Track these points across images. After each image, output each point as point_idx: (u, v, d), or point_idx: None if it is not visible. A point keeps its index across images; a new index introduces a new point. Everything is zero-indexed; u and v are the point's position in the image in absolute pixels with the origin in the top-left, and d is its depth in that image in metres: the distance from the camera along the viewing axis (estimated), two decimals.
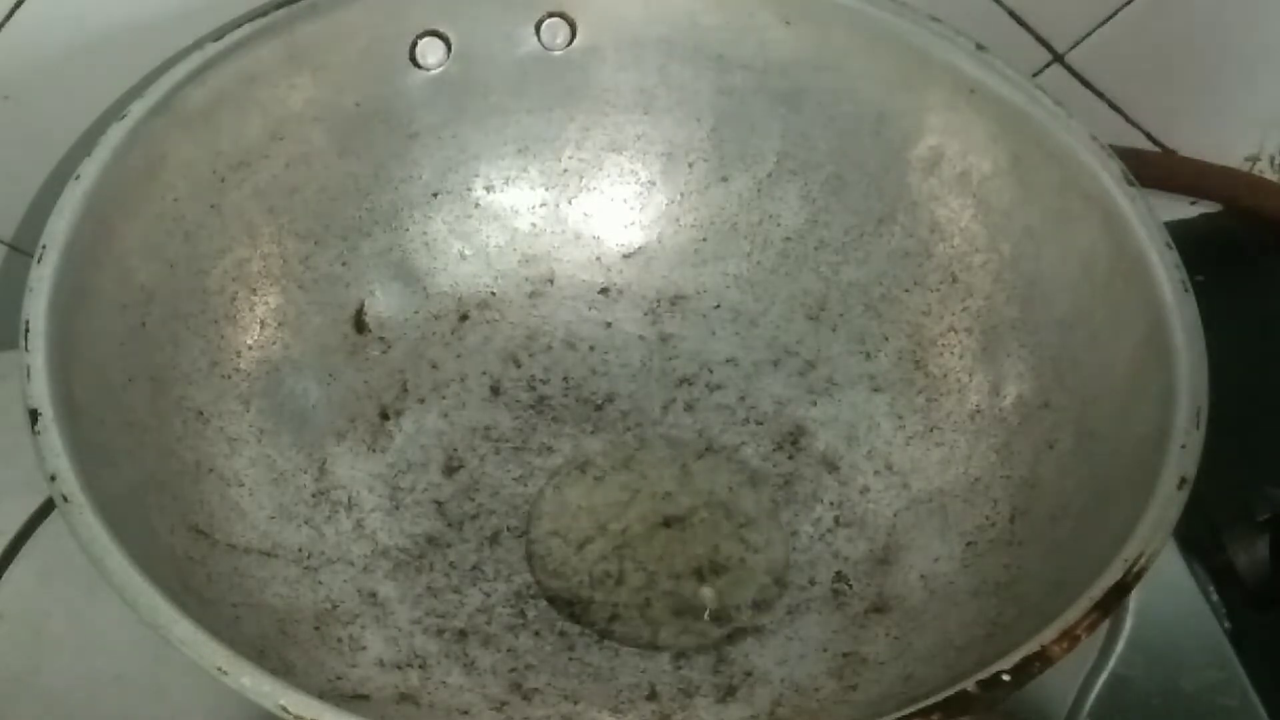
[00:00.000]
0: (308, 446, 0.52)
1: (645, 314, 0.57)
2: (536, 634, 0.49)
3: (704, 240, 0.57)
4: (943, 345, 0.54)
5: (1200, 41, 0.65)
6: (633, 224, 0.57)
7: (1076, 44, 0.64)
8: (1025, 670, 0.37)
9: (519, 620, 0.49)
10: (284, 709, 0.36)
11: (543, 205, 0.57)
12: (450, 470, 0.53)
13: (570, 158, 0.57)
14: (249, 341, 0.51)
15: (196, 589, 0.43)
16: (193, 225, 0.50)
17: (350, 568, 0.49)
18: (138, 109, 0.48)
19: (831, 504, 0.52)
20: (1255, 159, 0.71)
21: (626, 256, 0.57)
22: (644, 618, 0.49)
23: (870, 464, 0.53)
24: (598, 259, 0.57)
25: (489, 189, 0.57)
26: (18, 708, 0.49)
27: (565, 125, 0.56)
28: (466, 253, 0.57)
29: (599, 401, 0.55)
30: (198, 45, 0.50)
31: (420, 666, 0.47)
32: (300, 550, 0.49)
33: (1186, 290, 0.45)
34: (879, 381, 0.54)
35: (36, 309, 0.43)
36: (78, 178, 0.46)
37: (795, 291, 0.56)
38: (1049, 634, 0.38)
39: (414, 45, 0.53)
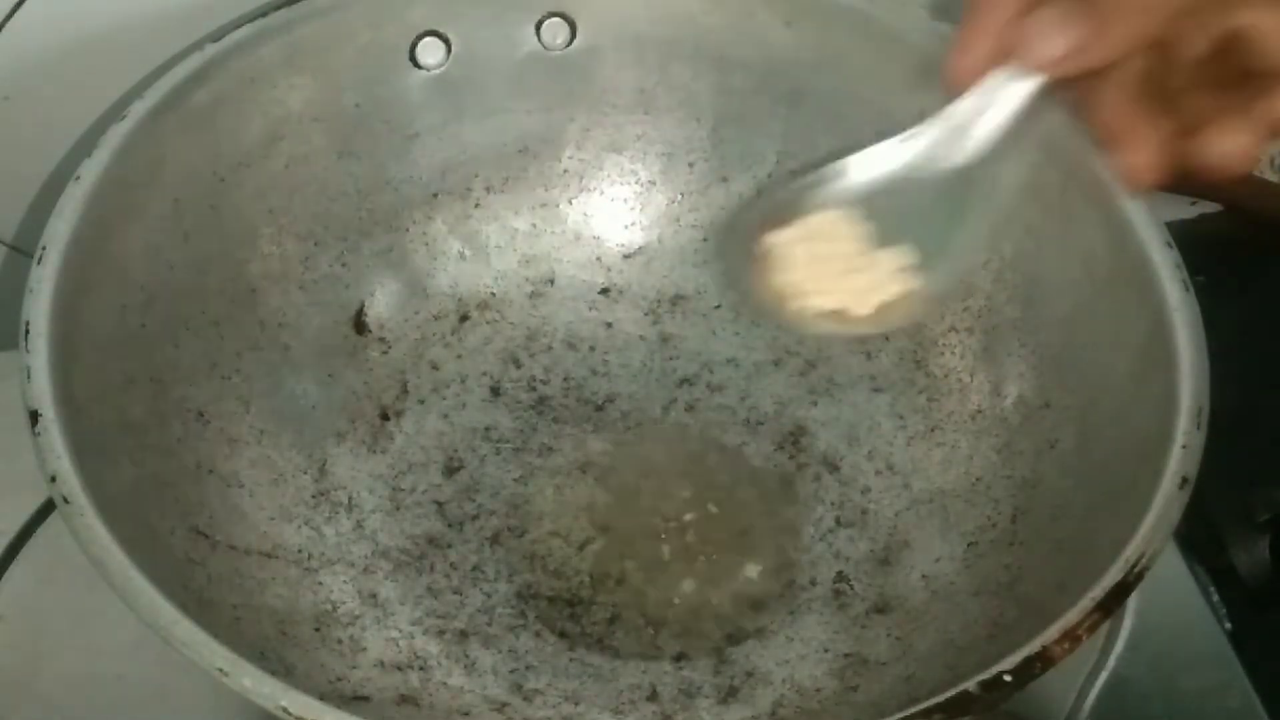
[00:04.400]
0: (308, 447, 0.52)
1: (646, 314, 0.57)
2: (537, 635, 0.49)
3: (704, 240, 0.57)
4: (944, 345, 0.54)
5: None
6: (633, 224, 0.57)
7: None
8: (1027, 671, 0.37)
9: (520, 621, 0.49)
10: (285, 710, 0.36)
11: (543, 205, 0.57)
12: (450, 471, 0.53)
13: (570, 158, 0.57)
14: (249, 342, 0.51)
15: (197, 590, 0.43)
16: (193, 226, 0.50)
17: (350, 569, 0.49)
18: (138, 110, 0.48)
19: (833, 504, 0.52)
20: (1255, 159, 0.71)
21: (627, 257, 0.57)
22: (645, 618, 0.49)
23: (871, 464, 0.53)
24: (598, 259, 0.57)
25: (489, 189, 0.57)
26: (18, 708, 0.49)
27: (565, 125, 0.56)
28: (466, 253, 0.57)
29: (599, 402, 0.55)
30: (198, 46, 0.50)
31: (421, 668, 0.47)
32: (300, 551, 0.49)
33: (1187, 290, 0.45)
34: (880, 381, 0.54)
35: (37, 310, 0.43)
36: (78, 178, 0.46)
37: None
38: (1050, 634, 0.38)
39: (414, 45, 0.53)
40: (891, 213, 0.40)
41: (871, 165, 0.40)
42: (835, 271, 0.40)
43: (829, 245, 0.40)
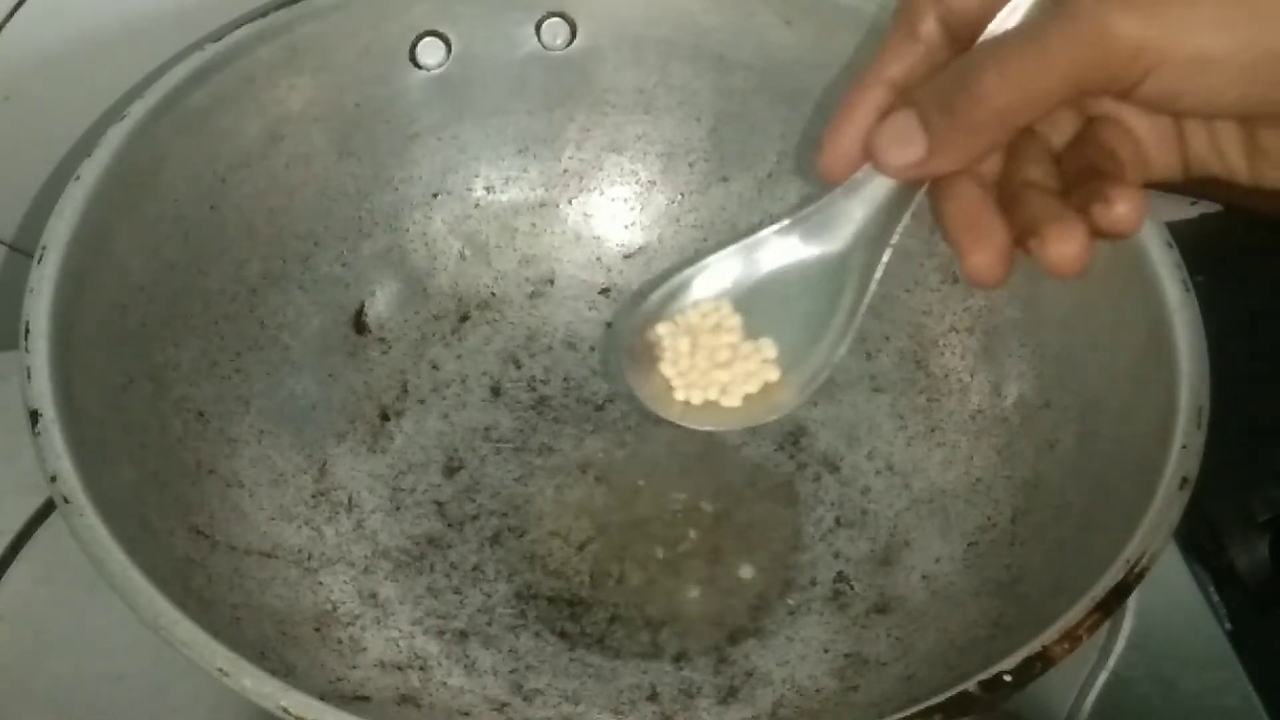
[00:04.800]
0: (308, 447, 0.52)
1: None
2: (537, 635, 0.49)
3: (705, 240, 0.57)
4: (944, 345, 0.54)
5: None
6: (633, 224, 0.57)
7: None
8: (1027, 671, 0.37)
9: (520, 621, 0.49)
10: (285, 710, 0.36)
11: (543, 205, 0.57)
12: (450, 471, 0.53)
13: (570, 158, 0.57)
14: (249, 342, 0.51)
15: (197, 590, 0.43)
16: (193, 225, 0.50)
17: (350, 569, 0.49)
18: (138, 109, 0.48)
19: (833, 504, 0.52)
20: None
21: (627, 257, 0.57)
22: (645, 618, 0.49)
23: (871, 464, 0.53)
24: (598, 259, 0.57)
25: (489, 189, 0.57)
26: (18, 708, 0.49)
27: (565, 125, 0.56)
28: (466, 253, 0.57)
29: (599, 402, 0.55)
30: (198, 45, 0.50)
31: (421, 668, 0.47)
32: (300, 551, 0.49)
33: (1187, 290, 0.45)
34: (880, 382, 0.54)
35: (37, 309, 0.43)
36: (78, 178, 0.46)
37: None
38: (1050, 634, 0.38)
39: (414, 45, 0.53)
40: (766, 304, 0.40)
41: (749, 257, 0.40)
42: (712, 364, 0.40)
43: (709, 337, 0.40)
